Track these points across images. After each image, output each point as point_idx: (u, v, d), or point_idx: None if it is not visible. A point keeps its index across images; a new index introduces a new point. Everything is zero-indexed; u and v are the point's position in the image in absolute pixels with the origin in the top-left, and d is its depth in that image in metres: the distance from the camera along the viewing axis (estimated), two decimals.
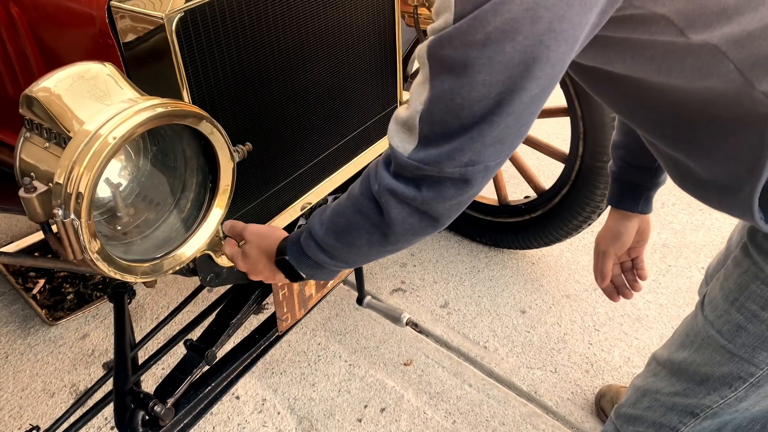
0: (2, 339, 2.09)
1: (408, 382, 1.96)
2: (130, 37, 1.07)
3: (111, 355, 2.05)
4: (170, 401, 1.31)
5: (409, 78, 1.84)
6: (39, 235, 2.47)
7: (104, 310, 2.20)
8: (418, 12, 1.60)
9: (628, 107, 0.98)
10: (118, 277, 0.94)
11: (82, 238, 0.86)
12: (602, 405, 1.87)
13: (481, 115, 0.76)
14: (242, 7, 1.12)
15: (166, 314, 2.17)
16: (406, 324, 1.29)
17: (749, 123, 0.83)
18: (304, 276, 1.07)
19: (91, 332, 2.12)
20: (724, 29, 0.76)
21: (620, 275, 1.34)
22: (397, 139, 0.85)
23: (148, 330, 1.66)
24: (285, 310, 1.46)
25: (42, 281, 2.26)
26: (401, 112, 0.85)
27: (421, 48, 0.78)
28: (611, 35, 0.78)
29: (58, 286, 2.26)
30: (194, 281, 2.28)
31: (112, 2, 1.05)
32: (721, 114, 0.86)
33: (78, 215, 0.85)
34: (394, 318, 1.68)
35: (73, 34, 1.16)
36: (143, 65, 1.08)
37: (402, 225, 0.89)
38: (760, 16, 0.75)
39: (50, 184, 0.89)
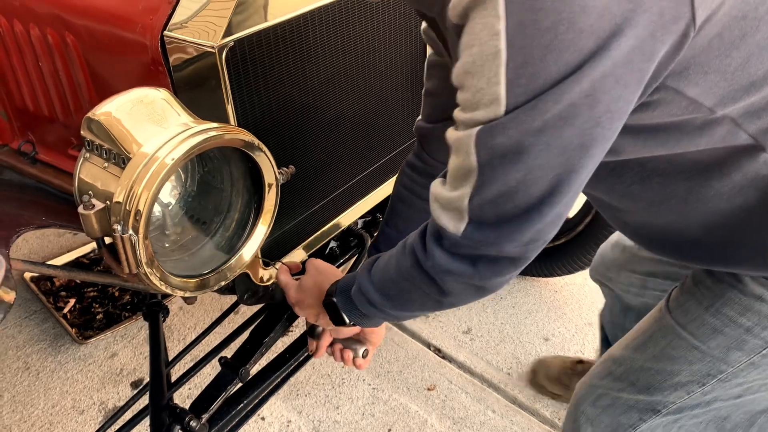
0: (34, 356, 2.14)
1: (431, 406, 1.98)
2: (181, 65, 1.13)
3: (139, 375, 2.08)
4: (205, 417, 1.34)
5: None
6: (69, 256, 2.53)
7: (132, 330, 2.24)
8: None
9: (622, 189, 0.97)
10: (168, 291, 0.98)
11: (138, 252, 0.91)
12: (539, 381, 2.00)
13: (538, 198, 0.76)
14: (286, 39, 1.18)
15: (194, 335, 2.21)
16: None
17: (753, 186, 0.86)
18: (347, 322, 1.09)
19: (119, 351, 2.16)
20: (747, 100, 0.78)
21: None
22: (444, 219, 0.84)
23: (177, 350, 1.69)
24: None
25: (72, 301, 2.31)
26: (441, 191, 0.85)
27: (464, 136, 0.76)
28: (629, 124, 0.77)
29: (88, 306, 2.30)
30: (221, 305, 2.33)
31: (165, 32, 1.12)
32: (723, 186, 0.88)
33: (136, 231, 0.90)
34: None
35: (125, 62, 1.22)
36: (192, 91, 1.13)
37: (458, 296, 0.90)
38: None
39: (108, 202, 0.94)
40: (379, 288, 1.00)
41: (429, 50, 1.26)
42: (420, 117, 1.30)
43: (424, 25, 1.22)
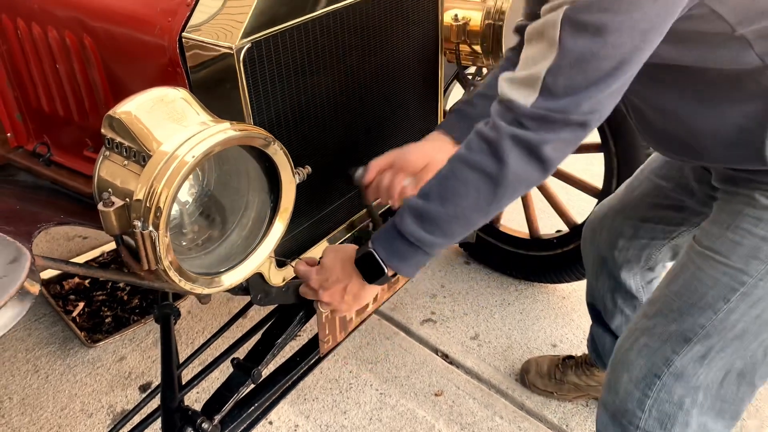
0: (43, 359, 2.14)
1: (439, 412, 1.98)
2: (199, 66, 1.14)
3: (147, 378, 2.09)
4: (217, 418, 1.34)
5: (447, 112, 1.90)
6: (79, 260, 2.54)
7: (140, 333, 2.24)
8: (459, 49, 1.67)
9: (654, 88, 1.14)
10: (186, 288, 0.99)
11: (158, 249, 0.91)
12: (531, 380, 2.02)
13: (606, 71, 0.92)
14: (302, 40, 1.20)
15: (202, 339, 2.21)
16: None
17: (763, 96, 1.04)
18: (386, 270, 1.10)
19: (128, 355, 2.16)
20: (761, 24, 0.97)
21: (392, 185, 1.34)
22: (516, 94, 0.98)
23: (185, 354, 1.69)
24: (327, 332, 1.49)
25: (81, 304, 2.32)
26: (513, 74, 1.00)
27: (551, 16, 0.92)
28: (671, 32, 0.95)
29: (96, 310, 2.31)
30: (229, 309, 2.33)
31: (183, 34, 1.13)
32: (738, 89, 1.05)
33: (156, 228, 0.91)
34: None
35: (143, 63, 1.24)
36: (209, 91, 1.15)
37: (514, 170, 0.99)
38: None
39: (127, 200, 0.95)
40: (433, 195, 1.06)
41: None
42: (521, 19, 1.40)
43: (519, 20, 1.38)
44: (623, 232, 1.58)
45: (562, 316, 2.34)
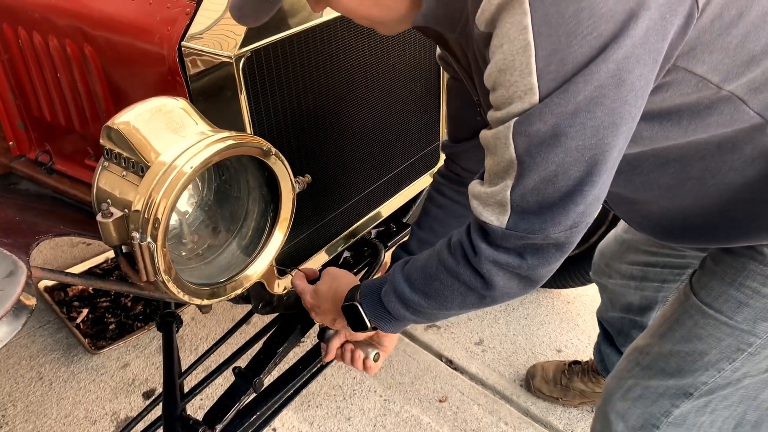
0: (47, 366, 2.14)
1: (443, 418, 1.96)
2: (198, 75, 1.14)
3: (151, 385, 2.09)
4: (218, 427, 1.33)
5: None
6: (82, 266, 2.54)
7: (144, 340, 2.24)
8: None
9: (641, 179, 1.01)
10: (185, 299, 0.98)
11: (156, 260, 0.91)
12: (536, 386, 2.00)
13: (577, 179, 0.80)
14: (302, 49, 1.19)
15: (206, 346, 2.21)
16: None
17: (762, 157, 0.92)
18: (369, 325, 1.10)
19: (131, 362, 2.16)
20: (749, 76, 0.84)
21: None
22: (487, 214, 0.87)
23: (189, 361, 1.69)
24: None
25: (85, 311, 2.32)
26: (480, 189, 0.88)
27: (501, 130, 0.80)
28: (646, 109, 0.83)
29: (100, 316, 2.31)
30: (233, 315, 2.33)
31: (183, 43, 1.13)
32: (735, 159, 0.93)
33: (154, 239, 0.90)
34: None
35: (143, 72, 1.24)
36: (208, 100, 1.14)
37: (503, 290, 0.91)
38: None
39: (126, 211, 0.95)
40: (417, 287, 1.00)
41: (447, 75, 1.29)
42: (446, 138, 1.35)
43: (438, 51, 1.25)
44: (633, 275, 1.53)
45: (566, 321, 2.33)
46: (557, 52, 0.73)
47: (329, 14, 1.21)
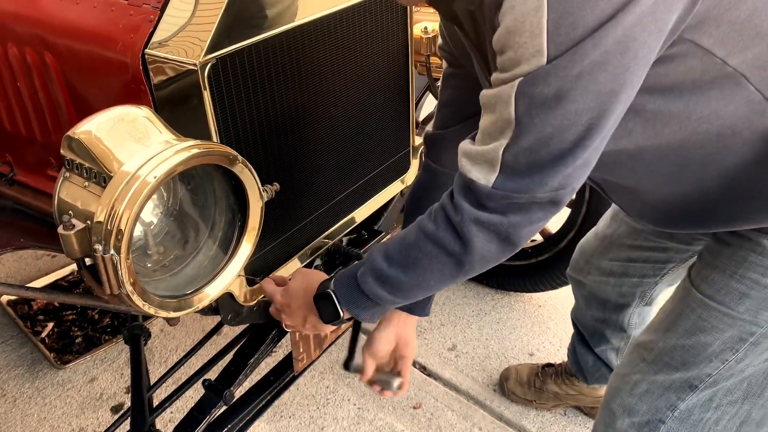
0: (10, 383, 2.08)
1: (417, 425, 1.96)
2: (163, 83, 1.12)
3: (119, 399, 2.04)
4: None
5: (420, 124, 1.90)
6: (47, 279, 2.48)
7: (112, 353, 2.20)
8: (430, 61, 1.67)
9: (643, 168, 1.03)
10: (151, 312, 0.96)
11: (120, 273, 0.89)
12: (510, 388, 2.01)
13: (572, 142, 0.82)
14: (269, 56, 1.18)
15: (175, 358, 2.17)
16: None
17: (761, 139, 0.94)
18: (342, 314, 1.09)
19: (99, 375, 2.11)
20: (754, 51, 0.86)
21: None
22: (475, 172, 0.88)
23: (158, 373, 1.66)
24: (301, 350, 1.47)
25: (51, 325, 2.27)
26: (471, 147, 0.90)
27: (504, 89, 0.82)
28: (651, 82, 0.85)
29: (66, 330, 2.26)
30: (203, 326, 2.29)
31: (146, 50, 1.11)
32: (734, 143, 0.95)
33: (118, 251, 0.88)
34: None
35: (106, 80, 1.21)
36: (174, 109, 1.12)
37: (480, 252, 0.92)
38: None
39: (88, 222, 0.92)
40: (395, 260, 1.00)
41: (444, 65, 1.29)
42: (430, 128, 1.34)
43: (440, 41, 1.28)
44: (613, 271, 1.55)
45: (538, 324, 2.34)
46: (569, 14, 0.74)
47: (296, 21, 1.20)
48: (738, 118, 0.92)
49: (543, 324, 2.34)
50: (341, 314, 1.09)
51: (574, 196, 2.11)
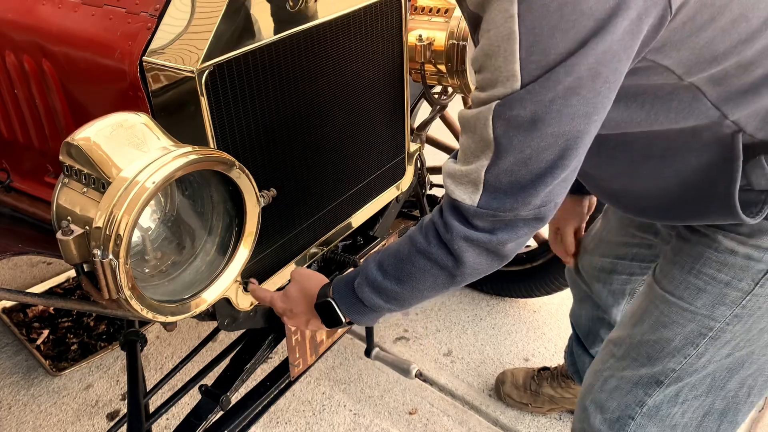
0: (5, 390, 2.08)
1: (413, 430, 1.96)
2: (160, 90, 1.13)
3: (115, 406, 2.04)
4: None
5: (415, 130, 1.91)
6: (43, 286, 2.48)
7: (108, 360, 2.19)
8: (425, 69, 1.68)
9: (606, 153, 1.08)
10: (149, 317, 0.97)
11: (119, 278, 0.90)
12: (506, 392, 2.02)
13: (550, 162, 0.85)
14: (265, 63, 1.19)
15: (171, 364, 2.17)
16: (415, 376, 1.32)
17: (718, 143, 0.99)
18: (343, 320, 1.13)
19: (95, 382, 2.11)
20: (709, 72, 0.91)
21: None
22: (459, 193, 0.92)
23: (155, 380, 1.66)
24: (297, 356, 1.48)
25: (46, 332, 2.26)
26: (455, 167, 0.93)
27: (482, 111, 0.85)
28: None
29: (62, 337, 2.26)
30: (198, 333, 2.29)
31: (144, 58, 1.12)
32: (694, 142, 1.00)
33: (116, 256, 0.89)
34: (403, 370, 1.67)
35: (103, 87, 1.22)
36: (171, 115, 1.14)
37: (472, 266, 0.96)
38: (737, 59, 0.90)
39: (87, 228, 0.93)
40: (390, 273, 1.04)
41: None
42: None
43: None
44: (603, 268, 1.59)
45: (533, 329, 2.35)
46: (540, 42, 0.78)
47: (292, 29, 1.22)
48: (699, 121, 0.96)
49: (538, 329, 2.35)
50: (342, 320, 1.13)
51: None
